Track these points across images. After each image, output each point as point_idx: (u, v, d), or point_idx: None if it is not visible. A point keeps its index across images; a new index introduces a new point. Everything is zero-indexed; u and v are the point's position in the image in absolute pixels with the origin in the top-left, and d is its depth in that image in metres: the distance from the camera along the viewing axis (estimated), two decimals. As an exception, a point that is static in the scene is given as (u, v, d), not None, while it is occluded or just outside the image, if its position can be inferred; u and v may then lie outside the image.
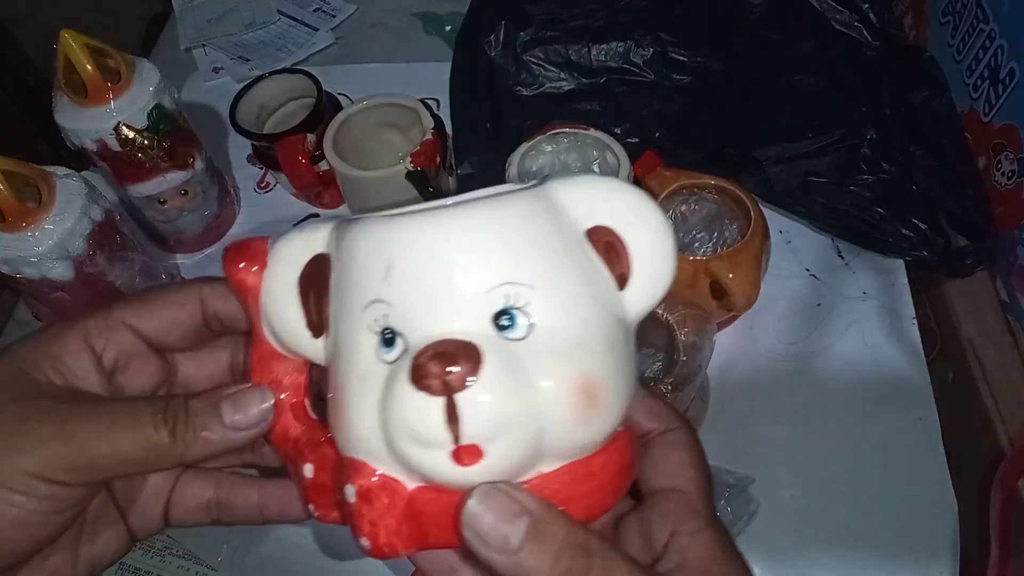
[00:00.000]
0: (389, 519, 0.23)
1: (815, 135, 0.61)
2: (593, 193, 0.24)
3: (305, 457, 0.26)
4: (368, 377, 0.22)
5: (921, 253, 0.57)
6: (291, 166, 0.61)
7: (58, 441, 0.24)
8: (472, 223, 0.23)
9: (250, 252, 0.25)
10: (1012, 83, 0.54)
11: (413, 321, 0.22)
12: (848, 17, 0.68)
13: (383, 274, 0.22)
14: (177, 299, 0.27)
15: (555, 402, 0.21)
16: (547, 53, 0.68)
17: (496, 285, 0.22)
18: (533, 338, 0.22)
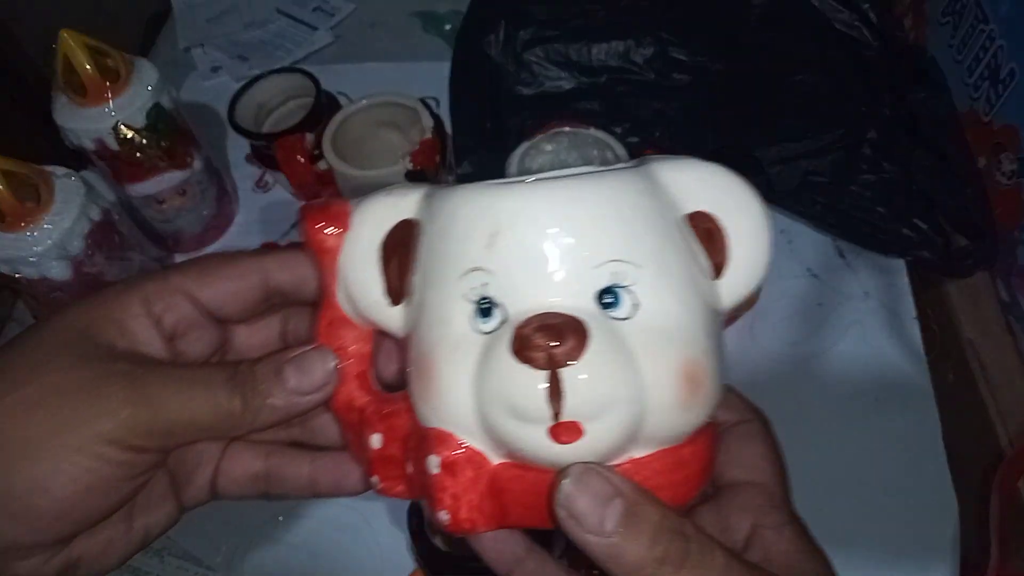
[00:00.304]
0: (472, 494, 0.23)
1: (815, 135, 0.61)
2: (697, 177, 0.23)
3: (373, 427, 0.25)
4: (462, 346, 0.22)
5: (921, 253, 0.57)
6: (290, 166, 0.61)
7: (136, 405, 0.23)
8: (585, 196, 0.22)
9: (332, 213, 0.25)
10: (1012, 83, 0.54)
11: (514, 292, 0.22)
12: (848, 17, 0.68)
13: (487, 241, 0.22)
14: (238, 272, 0.27)
15: (659, 386, 0.21)
16: (547, 52, 0.68)
17: (604, 261, 0.21)
18: (637, 319, 0.21)
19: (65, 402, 0.23)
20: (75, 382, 0.23)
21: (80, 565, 0.25)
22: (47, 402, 0.23)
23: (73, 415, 0.23)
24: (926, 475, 0.50)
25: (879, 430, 0.51)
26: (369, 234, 0.24)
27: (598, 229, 0.22)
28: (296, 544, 0.51)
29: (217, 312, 0.27)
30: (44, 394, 0.23)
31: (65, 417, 0.23)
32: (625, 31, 0.68)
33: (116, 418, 0.23)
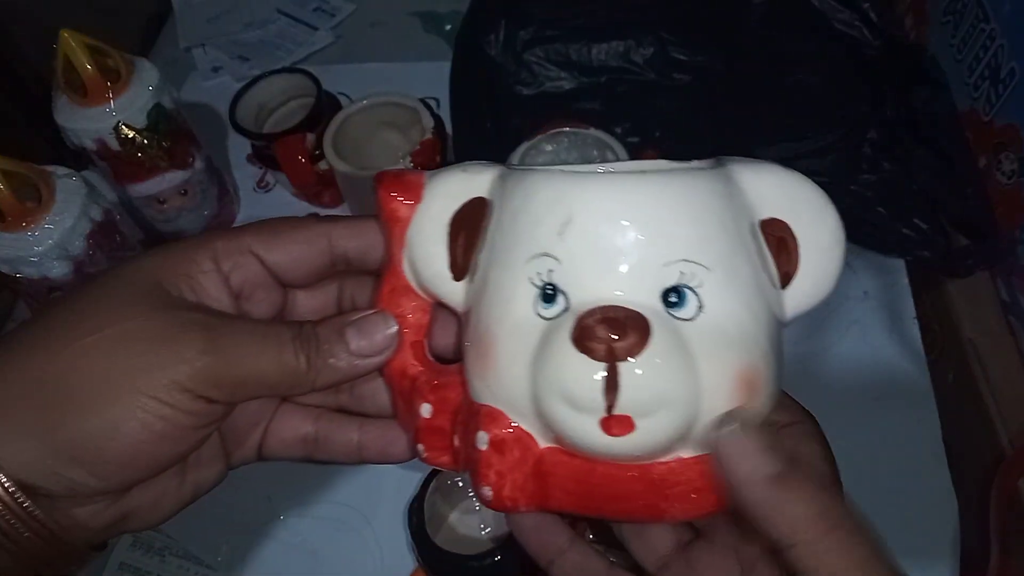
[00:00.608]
0: (517, 473, 0.23)
1: (816, 135, 0.61)
2: (776, 183, 0.23)
3: (424, 396, 0.25)
4: (522, 329, 0.22)
5: (922, 253, 0.57)
6: (290, 166, 0.61)
7: (211, 355, 0.23)
8: (661, 193, 0.22)
9: (406, 184, 0.25)
10: (1012, 83, 0.54)
11: (580, 281, 0.22)
12: (849, 17, 0.67)
13: (559, 228, 0.22)
14: (306, 236, 0.27)
15: (715, 390, 0.21)
16: (547, 52, 0.68)
17: (674, 260, 0.21)
18: (700, 321, 0.21)
19: (142, 347, 0.23)
20: (152, 329, 0.23)
21: (132, 517, 0.25)
22: (125, 346, 0.23)
23: (150, 360, 0.23)
24: (926, 475, 0.50)
25: (879, 430, 0.51)
26: (440, 208, 0.25)
27: (671, 227, 0.22)
28: (296, 544, 0.51)
29: (283, 275, 0.27)
30: (122, 338, 0.23)
31: (142, 362, 0.23)
32: (625, 31, 0.68)
33: (192, 366, 0.23)
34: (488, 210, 0.24)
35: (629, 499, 0.23)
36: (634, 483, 0.22)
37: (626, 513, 0.23)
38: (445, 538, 0.46)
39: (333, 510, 0.52)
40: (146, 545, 0.51)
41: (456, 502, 0.48)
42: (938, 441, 0.51)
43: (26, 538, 0.22)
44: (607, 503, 0.23)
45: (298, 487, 0.52)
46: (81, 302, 0.24)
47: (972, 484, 0.51)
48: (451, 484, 0.47)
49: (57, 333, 0.23)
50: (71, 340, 0.23)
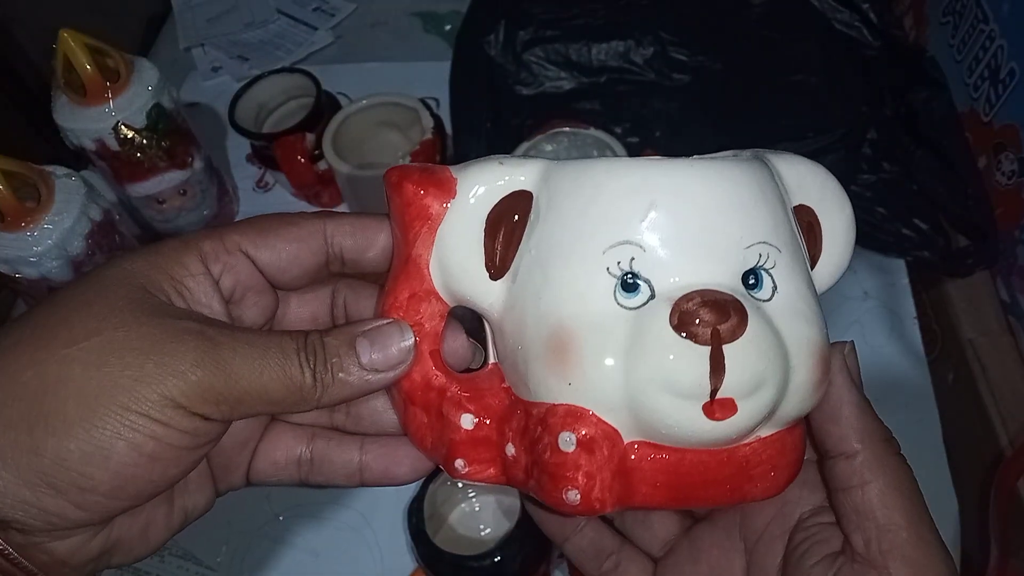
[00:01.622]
0: (606, 472, 0.22)
1: (815, 135, 0.61)
2: (803, 171, 0.24)
3: (463, 407, 0.24)
4: (608, 322, 0.21)
5: (922, 253, 0.57)
6: (290, 165, 0.61)
7: (207, 368, 0.21)
8: (734, 175, 0.22)
9: (438, 181, 0.23)
10: (1012, 83, 0.54)
11: (664, 268, 0.21)
12: (848, 17, 0.68)
13: (640, 215, 0.21)
14: (299, 234, 0.24)
15: (801, 366, 0.21)
16: (547, 52, 0.68)
17: (755, 242, 0.22)
18: (776, 301, 0.22)
19: (130, 359, 0.20)
20: (141, 338, 0.21)
21: (117, 550, 0.23)
22: (110, 357, 0.20)
23: (139, 373, 0.20)
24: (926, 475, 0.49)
25: (879, 430, 0.51)
26: (477, 202, 0.23)
27: (748, 210, 0.22)
28: (296, 544, 0.51)
29: (275, 276, 0.25)
30: (107, 348, 0.20)
31: (130, 375, 0.20)
32: (625, 31, 0.68)
33: (186, 380, 0.20)
34: (531, 204, 0.23)
35: (717, 485, 0.22)
36: (723, 468, 0.22)
37: (711, 500, 0.23)
38: (445, 538, 0.46)
39: (333, 510, 0.52)
40: (146, 545, 0.51)
41: (456, 502, 0.48)
42: (938, 441, 0.51)
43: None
44: (694, 492, 0.22)
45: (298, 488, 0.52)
46: (63, 307, 0.22)
47: (972, 484, 0.51)
48: (451, 484, 0.47)
49: (35, 342, 0.21)
50: (51, 350, 0.20)
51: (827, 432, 0.24)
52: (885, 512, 0.23)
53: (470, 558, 0.42)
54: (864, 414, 0.24)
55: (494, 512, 0.48)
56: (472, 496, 0.48)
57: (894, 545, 0.22)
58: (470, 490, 0.48)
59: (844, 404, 0.23)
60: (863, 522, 0.23)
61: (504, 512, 0.47)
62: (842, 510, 0.24)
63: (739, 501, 0.23)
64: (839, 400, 0.23)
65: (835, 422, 0.24)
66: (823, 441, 0.24)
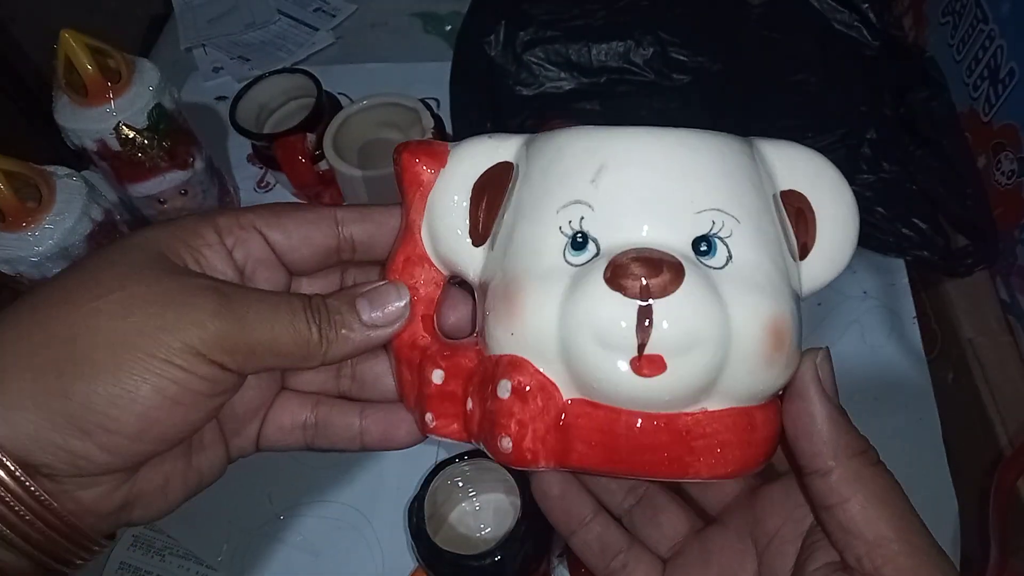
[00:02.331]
0: (539, 423, 0.22)
1: (815, 135, 0.61)
2: (795, 157, 0.24)
3: (435, 363, 0.25)
4: (552, 275, 0.22)
5: (921, 253, 0.57)
6: (291, 166, 0.61)
7: (224, 319, 0.22)
8: (694, 145, 0.22)
9: (432, 151, 0.25)
10: (1012, 83, 0.54)
11: (611, 227, 0.22)
12: (848, 17, 0.68)
13: (592, 176, 0.22)
14: (311, 218, 0.26)
15: (746, 335, 0.21)
16: (547, 53, 0.68)
17: (705, 209, 0.22)
18: (729, 269, 0.21)
19: (154, 310, 0.22)
20: (163, 292, 0.22)
21: (139, 503, 0.24)
22: (135, 309, 0.22)
23: (162, 323, 0.22)
24: (926, 475, 0.50)
25: (879, 430, 0.51)
26: (464, 171, 0.25)
27: (703, 177, 0.22)
28: (296, 544, 0.51)
29: (287, 255, 0.27)
30: (132, 301, 0.22)
31: (153, 324, 0.22)
32: (625, 31, 0.68)
33: (205, 329, 0.22)
34: (513, 174, 0.24)
35: (653, 451, 0.22)
36: (659, 433, 0.22)
37: (649, 468, 0.22)
38: (445, 538, 0.46)
39: (333, 510, 0.52)
40: (146, 545, 0.51)
41: (456, 502, 0.48)
42: (938, 441, 0.51)
43: (32, 526, 0.21)
44: (631, 456, 0.22)
45: (298, 487, 0.52)
46: (88, 268, 0.23)
47: (972, 484, 0.51)
48: (451, 484, 0.47)
49: (64, 295, 0.22)
50: (78, 304, 0.22)
51: (799, 448, 0.23)
52: (870, 527, 0.22)
53: (470, 558, 0.42)
54: (836, 427, 0.23)
55: (494, 512, 0.48)
56: (472, 496, 0.48)
57: (887, 559, 0.22)
58: (470, 490, 0.48)
59: (815, 418, 0.23)
60: (851, 540, 0.22)
61: (504, 512, 0.47)
62: (828, 528, 0.23)
63: (682, 476, 0.23)
64: (809, 414, 0.23)
65: (807, 438, 0.23)
66: (798, 457, 0.23)
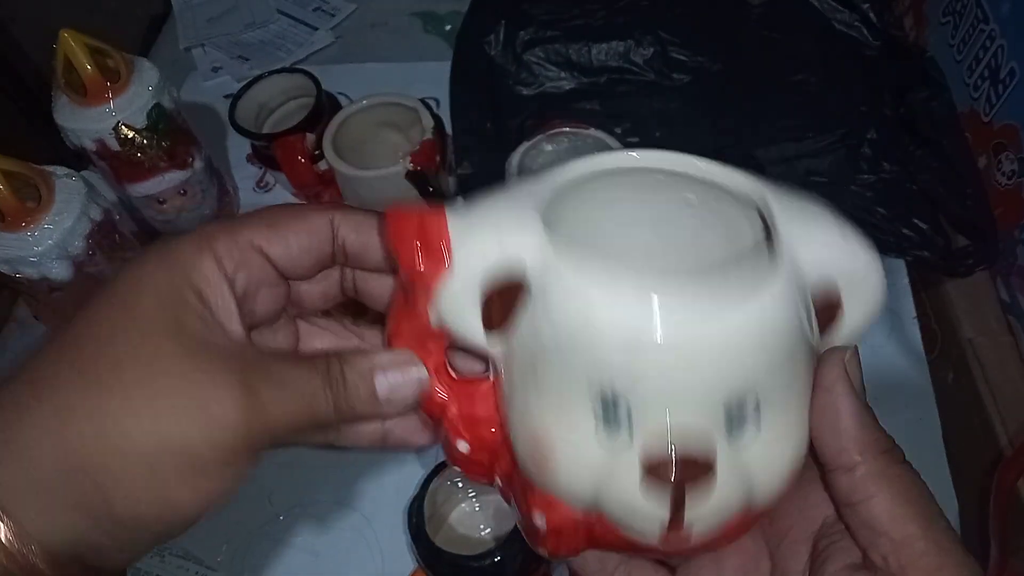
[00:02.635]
0: (574, 543, 0.24)
1: (815, 135, 0.61)
2: (828, 243, 0.24)
3: (459, 434, 0.25)
4: (584, 445, 0.22)
5: (922, 253, 0.57)
6: (290, 166, 0.61)
7: (250, 415, 0.23)
8: (736, 324, 0.21)
9: (428, 242, 0.23)
10: (1012, 83, 0.54)
11: (645, 405, 0.22)
12: (848, 17, 0.68)
13: (624, 356, 0.21)
14: (309, 227, 0.25)
15: (772, 491, 0.23)
16: (547, 52, 0.68)
17: (743, 391, 0.22)
18: (757, 443, 0.22)
19: (182, 417, 0.22)
20: (190, 387, 0.22)
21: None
22: (163, 418, 0.22)
23: (192, 430, 0.22)
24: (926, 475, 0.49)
25: (879, 430, 0.51)
26: (471, 273, 0.23)
27: (743, 360, 0.22)
28: (296, 544, 0.51)
29: (287, 268, 0.26)
30: (160, 402, 0.22)
31: (183, 432, 0.22)
32: (625, 31, 0.68)
33: (235, 433, 0.22)
34: (526, 291, 0.23)
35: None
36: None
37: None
38: (445, 538, 0.46)
39: (333, 510, 0.52)
40: (146, 545, 0.51)
41: (456, 502, 0.48)
42: (938, 441, 0.51)
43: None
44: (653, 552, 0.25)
45: (298, 487, 0.52)
46: (102, 342, 0.23)
47: (972, 484, 0.51)
48: (451, 484, 0.47)
49: (76, 393, 0.22)
50: (98, 404, 0.22)
51: (826, 444, 0.23)
52: (896, 525, 0.22)
53: (470, 558, 0.42)
54: (864, 425, 0.23)
55: (494, 512, 0.48)
56: (472, 496, 0.48)
57: (913, 557, 0.22)
58: (470, 490, 0.48)
59: (842, 415, 0.23)
60: (876, 538, 0.22)
61: (504, 512, 0.47)
62: (852, 525, 0.23)
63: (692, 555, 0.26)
64: (837, 410, 0.23)
65: (833, 434, 0.23)
66: (822, 453, 0.24)
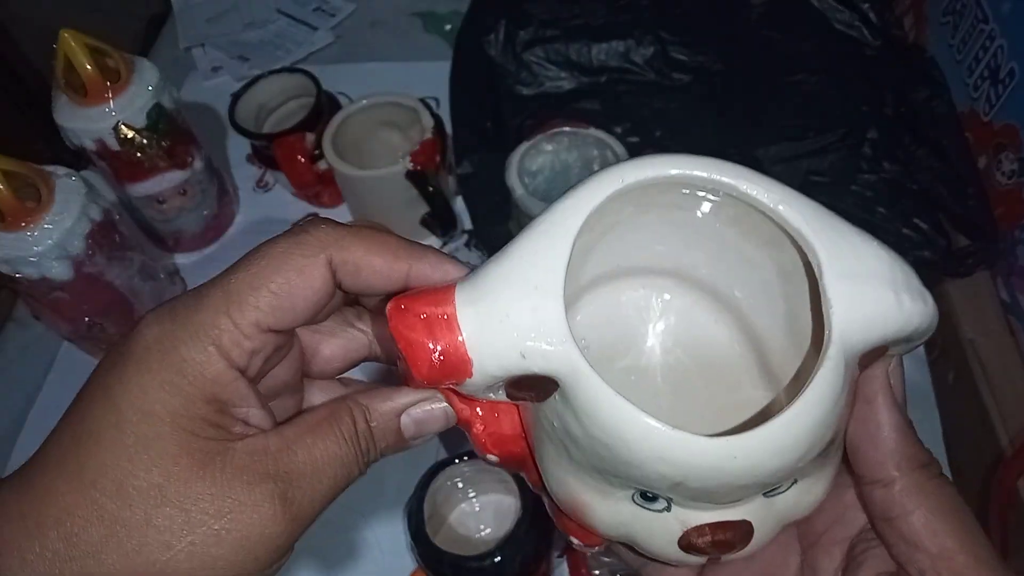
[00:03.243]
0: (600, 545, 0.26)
1: (816, 135, 0.61)
2: (884, 313, 0.21)
3: (488, 449, 0.24)
4: (621, 514, 0.22)
5: (922, 253, 0.57)
6: (290, 165, 0.61)
7: (287, 519, 0.22)
8: (778, 433, 0.20)
9: (444, 353, 0.20)
10: (1012, 83, 0.54)
11: (684, 497, 0.21)
12: (849, 17, 0.68)
13: (668, 485, 0.20)
14: (312, 282, 0.22)
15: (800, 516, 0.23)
16: (547, 52, 0.68)
17: (782, 480, 0.22)
18: (791, 491, 0.22)
19: (219, 552, 0.21)
20: (216, 511, 0.21)
21: None
22: (198, 546, 0.20)
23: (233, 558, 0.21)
24: (926, 475, 0.50)
25: (879, 430, 0.51)
26: (490, 378, 0.21)
27: (782, 462, 0.20)
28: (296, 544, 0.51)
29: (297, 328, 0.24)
30: (194, 533, 0.20)
31: (226, 560, 0.21)
32: (625, 31, 0.68)
33: (276, 543, 0.22)
34: (554, 383, 0.21)
35: None
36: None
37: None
38: (445, 538, 0.46)
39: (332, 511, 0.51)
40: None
41: (456, 502, 0.48)
42: (938, 441, 0.51)
43: None
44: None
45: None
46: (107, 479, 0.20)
47: (972, 484, 0.51)
48: (451, 484, 0.47)
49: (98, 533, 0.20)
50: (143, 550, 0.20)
51: (864, 455, 0.23)
52: (935, 540, 0.22)
53: (470, 558, 0.42)
54: (905, 438, 0.23)
55: (494, 512, 0.48)
56: (472, 496, 0.48)
57: (952, 572, 0.22)
58: (470, 490, 0.48)
59: (883, 427, 0.23)
60: (914, 553, 0.22)
61: (504, 512, 0.47)
62: (889, 539, 0.23)
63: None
64: (878, 423, 0.23)
65: (873, 446, 0.23)
66: (859, 464, 0.23)
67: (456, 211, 0.61)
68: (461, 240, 0.63)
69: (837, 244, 0.21)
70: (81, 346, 0.58)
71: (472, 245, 0.63)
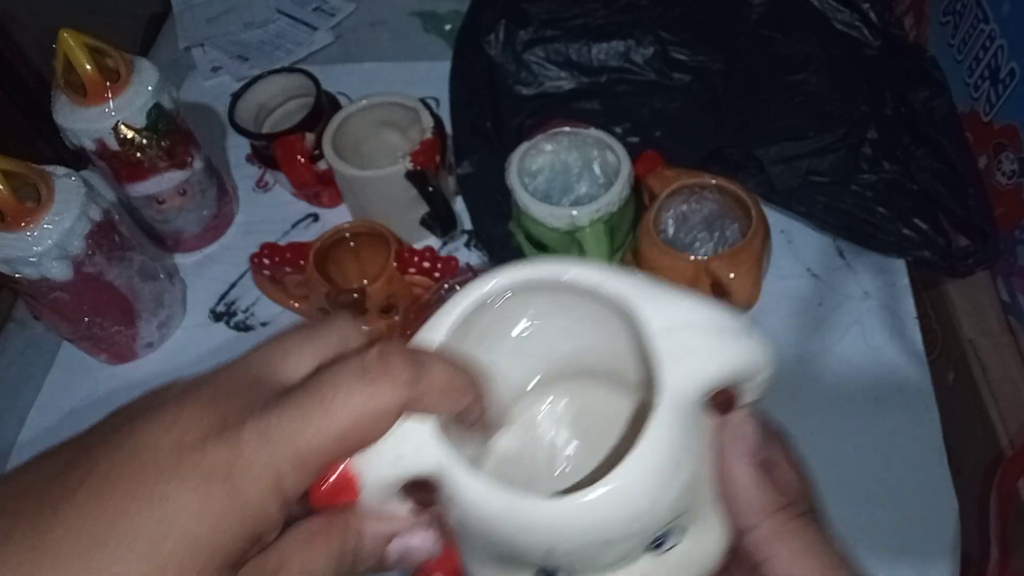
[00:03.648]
0: None
1: (816, 134, 0.61)
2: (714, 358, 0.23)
3: (434, 570, 0.26)
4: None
5: (922, 253, 0.57)
6: (289, 165, 0.61)
7: None
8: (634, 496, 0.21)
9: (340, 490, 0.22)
10: (1012, 83, 0.54)
11: (574, 567, 0.23)
12: (849, 17, 0.68)
13: (543, 555, 0.22)
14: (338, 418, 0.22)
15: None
16: (547, 52, 0.68)
17: (661, 528, 0.23)
18: (681, 546, 0.23)
19: None
20: None
21: None
22: None
23: None
24: (926, 475, 0.50)
25: (879, 430, 0.51)
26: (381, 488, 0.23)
27: (653, 511, 0.22)
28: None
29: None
30: None
31: None
32: (625, 31, 0.68)
33: None
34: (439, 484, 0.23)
35: None
36: None
37: None
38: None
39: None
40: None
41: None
42: (938, 441, 0.51)
43: None
44: None
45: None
46: None
47: (972, 484, 0.51)
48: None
49: None
50: None
51: (727, 506, 0.24)
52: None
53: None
54: (757, 487, 0.24)
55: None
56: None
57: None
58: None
59: (736, 478, 0.24)
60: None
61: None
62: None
63: None
64: (731, 474, 0.24)
65: (731, 496, 0.24)
66: (727, 515, 0.24)
67: (456, 211, 0.61)
68: (461, 240, 0.63)
69: (658, 302, 0.23)
70: (81, 346, 0.58)
71: (472, 245, 0.63)
